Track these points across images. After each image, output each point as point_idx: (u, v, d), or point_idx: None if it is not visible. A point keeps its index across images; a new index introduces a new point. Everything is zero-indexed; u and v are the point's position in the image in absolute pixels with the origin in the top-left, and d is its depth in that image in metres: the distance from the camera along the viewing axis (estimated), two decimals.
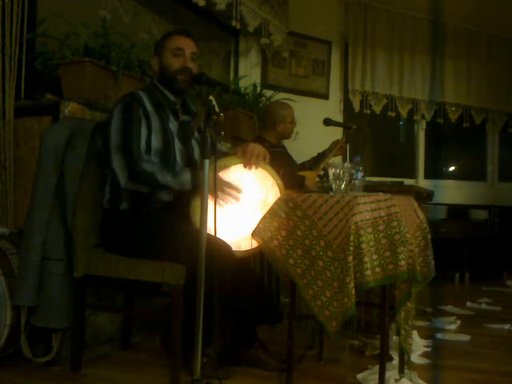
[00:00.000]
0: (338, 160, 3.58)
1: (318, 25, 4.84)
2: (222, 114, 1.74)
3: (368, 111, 5.00)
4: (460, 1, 4.70)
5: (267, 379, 2.09)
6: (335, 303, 1.87)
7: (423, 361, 2.37)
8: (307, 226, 1.97)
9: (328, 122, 3.26)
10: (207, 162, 1.70)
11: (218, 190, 1.92)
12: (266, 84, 4.43)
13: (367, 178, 3.41)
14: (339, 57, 5.06)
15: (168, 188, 2.01)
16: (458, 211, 5.28)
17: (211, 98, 1.75)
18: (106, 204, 2.12)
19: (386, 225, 1.89)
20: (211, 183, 1.76)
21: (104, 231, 2.15)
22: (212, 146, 1.70)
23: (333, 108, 4.94)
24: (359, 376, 2.13)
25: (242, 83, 4.20)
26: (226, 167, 2.08)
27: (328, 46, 4.93)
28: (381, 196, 1.96)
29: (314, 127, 4.23)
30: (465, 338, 2.82)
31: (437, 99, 5.29)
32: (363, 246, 1.83)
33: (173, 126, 2.15)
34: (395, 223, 1.88)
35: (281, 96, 3.98)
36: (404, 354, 2.13)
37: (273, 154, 2.88)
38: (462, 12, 5.00)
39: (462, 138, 5.83)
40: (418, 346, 2.53)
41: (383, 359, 1.96)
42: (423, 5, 4.88)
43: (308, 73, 4.82)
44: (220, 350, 2.09)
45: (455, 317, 3.29)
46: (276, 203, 2.06)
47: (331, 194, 2.00)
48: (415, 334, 2.57)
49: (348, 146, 3.25)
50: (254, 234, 2.08)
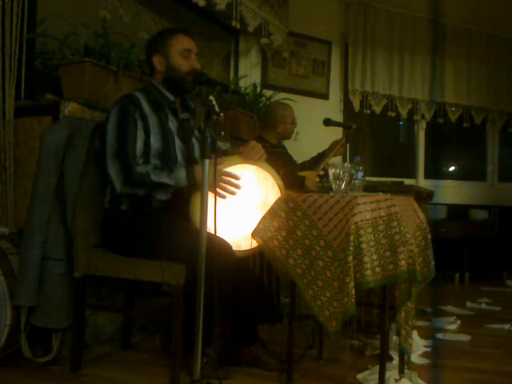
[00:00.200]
0: (338, 160, 3.58)
1: (318, 25, 4.84)
2: (222, 114, 1.74)
3: (368, 111, 5.00)
4: (460, 1, 4.71)
5: (267, 379, 2.09)
6: (335, 303, 1.87)
7: (423, 361, 2.37)
8: (307, 226, 1.97)
9: (328, 122, 3.26)
10: (207, 162, 1.71)
11: (217, 181, 1.90)
12: (266, 84, 4.43)
13: (367, 178, 3.41)
14: (339, 57, 5.06)
15: (164, 187, 2.01)
16: (457, 211, 5.28)
17: (211, 98, 1.75)
18: (107, 204, 2.12)
19: (386, 225, 1.89)
20: (211, 179, 1.75)
21: (104, 231, 2.15)
22: (212, 144, 1.70)
23: (333, 108, 4.94)
24: (359, 376, 2.13)
25: (242, 83, 4.20)
26: (224, 168, 2.08)
27: (328, 46, 4.93)
28: (381, 196, 1.96)
29: (314, 127, 4.23)
30: (465, 338, 2.82)
31: (437, 99, 5.29)
32: (363, 246, 1.83)
33: (172, 124, 2.15)
34: (395, 223, 1.88)
35: (281, 96, 3.98)
36: (404, 354, 2.13)
37: (273, 154, 2.88)
38: (462, 12, 5.00)
39: (462, 138, 5.82)
40: (418, 346, 2.53)
41: (383, 359, 1.96)
42: (423, 5, 4.89)
43: (308, 73, 4.82)
44: (220, 350, 2.09)
45: (455, 317, 3.29)
46: (276, 203, 2.06)
47: (331, 194, 2.00)
48: (415, 334, 2.57)
49: (348, 145, 3.25)
50: (254, 234, 2.08)
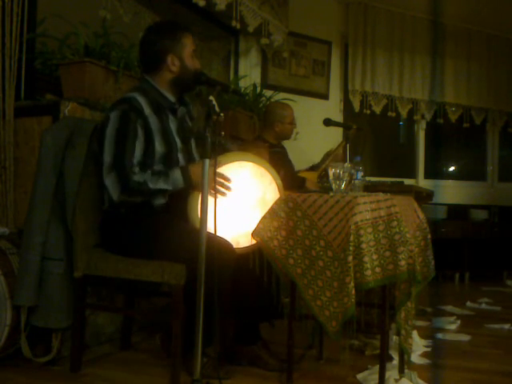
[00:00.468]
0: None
1: (318, 25, 4.84)
2: (222, 114, 1.74)
3: (368, 111, 5.00)
4: (460, 1, 4.71)
5: (267, 379, 2.09)
6: (335, 303, 1.87)
7: (423, 361, 2.37)
8: (307, 226, 1.97)
9: (328, 123, 3.26)
10: (207, 162, 1.71)
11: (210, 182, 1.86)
12: (266, 84, 4.43)
13: (367, 178, 3.41)
14: (339, 57, 5.06)
15: (162, 192, 2.01)
16: (457, 211, 5.28)
17: (211, 98, 1.75)
18: (106, 207, 2.11)
19: (386, 225, 1.89)
20: (208, 179, 1.74)
21: (103, 232, 2.14)
22: (212, 144, 1.69)
23: (333, 108, 4.94)
24: (359, 376, 2.13)
25: (242, 83, 4.21)
26: (221, 165, 2.07)
27: (328, 46, 4.93)
28: (381, 196, 1.96)
29: (314, 127, 4.23)
30: (465, 337, 2.82)
31: (437, 99, 5.29)
32: (363, 245, 1.83)
33: (173, 124, 2.14)
34: (395, 223, 1.88)
35: (281, 96, 3.98)
36: (404, 354, 2.13)
37: (272, 154, 2.88)
38: (462, 12, 5.00)
39: (462, 138, 5.83)
40: (418, 346, 2.53)
41: (383, 359, 1.96)
42: (423, 5, 4.88)
43: (308, 73, 4.82)
44: (221, 349, 2.09)
45: (455, 317, 3.29)
46: (276, 203, 2.06)
47: (331, 194, 2.00)
48: (415, 334, 2.57)
49: (348, 145, 3.25)
50: (254, 234, 2.08)
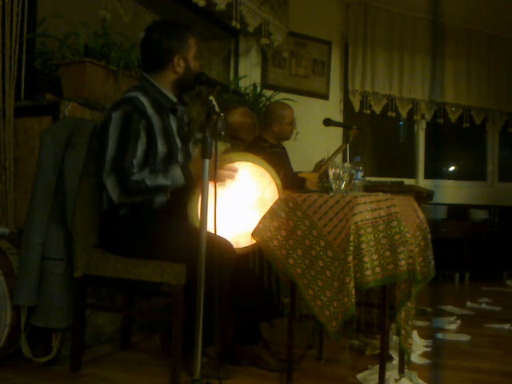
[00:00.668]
0: (338, 160, 3.58)
1: (318, 25, 4.84)
2: (222, 114, 1.74)
3: (368, 111, 5.01)
4: (460, 1, 4.71)
5: (267, 379, 2.09)
6: (335, 303, 1.87)
7: (423, 361, 2.37)
8: (307, 226, 1.97)
9: (328, 123, 3.26)
10: (207, 162, 1.71)
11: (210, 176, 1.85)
12: (265, 84, 4.43)
13: (367, 178, 3.41)
14: (339, 57, 5.06)
15: (162, 188, 2.01)
16: (457, 211, 5.28)
17: (211, 98, 1.75)
18: (106, 208, 2.11)
19: (386, 225, 1.89)
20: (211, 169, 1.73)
21: (103, 233, 2.14)
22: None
23: (333, 108, 4.94)
24: (359, 376, 2.13)
25: (242, 83, 4.21)
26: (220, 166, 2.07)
27: (328, 46, 4.93)
28: (381, 196, 1.96)
29: (314, 127, 4.24)
30: (465, 337, 2.82)
31: (437, 99, 5.29)
32: (363, 245, 1.83)
33: (173, 124, 2.14)
34: (395, 223, 1.88)
35: (281, 96, 3.98)
36: (404, 354, 2.13)
37: (273, 155, 2.88)
38: (462, 12, 5.00)
39: (462, 138, 5.83)
40: (418, 346, 2.53)
41: (383, 359, 1.96)
42: (423, 5, 4.89)
43: (308, 73, 4.82)
44: (221, 349, 2.09)
45: (455, 317, 3.29)
46: (276, 203, 2.06)
47: (331, 194, 2.00)
48: (415, 334, 2.57)
49: (348, 145, 3.25)
50: (254, 234, 2.08)
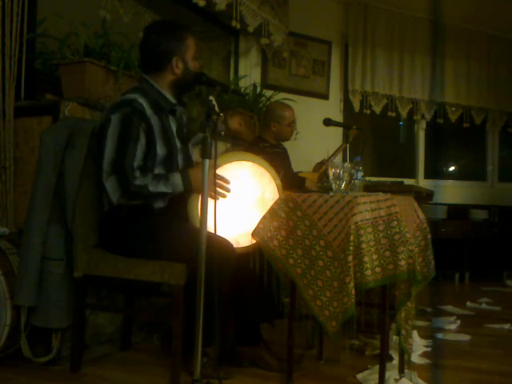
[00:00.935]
0: (338, 160, 3.58)
1: (318, 25, 4.84)
2: (222, 114, 1.74)
3: (368, 111, 5.00)
4: (460, 1, 4.70)
5: (267, 379, 2.09)
6: (335, 303, 1.87)
7: (423, 361, 2.37)
8: (307, 226, 1.97)
9: (328, 122, 3.26)
10: (207, 162, 1.71)
11: (210, 184, 1.83)
12: (265, 84, 4.43)
13: (367, 178, 3.41)
14: (339, 57, 5.06)
15: (162, 195, 2.01)
16: (458, 211, 5.28)
17: (211, 98, 1.75)
18: (105, 209, 2.11)
19: (386, 225, 1.89)
20: (209, 180, 1.74)
21: (102, 233, 2.14)
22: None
23: (333, 108, 4.94)
24: (359, 376, 2.13)
25: (242, 83, 4.20)
26: (221, 165, 2.07)
27: (328, 46, 4.93)
28: (381, 196, 1.96)
29: (314, 127, 4.23)
30: (465, 337, 2.82)
31: (437, 99, 5.29)
32: (363, 245, 1.83)
33: (173, 125, 2.14)
34: (395, 223, 1.88)
35: (281, 96, 3.98)
36: (404, 354, 2.13)
37: (273, 155, 2.88)
38: (462, 12, 5.00)
39: (462, 138, 5.83)
40: (418, 346, 2.53)
41: (383, 359, 1.96)
42: (423, 5, 4.88)
43: (308, 73, 4.82)
44: (221, 349, 2.09)
45: (455, 317, 3.29)
46: (276, 203, 2.06)
47: (331, 194, 2.00)
48: (415, 333, 2.57)
49: (348, 145, 3.25)
50: (254, 234, 2.08)
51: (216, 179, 1.95)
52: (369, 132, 5.45)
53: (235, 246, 2.07)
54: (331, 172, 2.06)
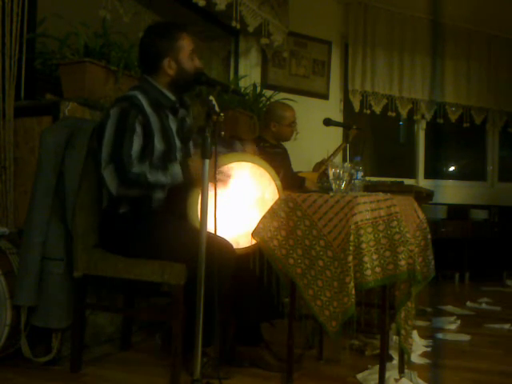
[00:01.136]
0: (338, 160, 3.58)
1: (318, 25, 4.84)
2: (222, 114, 1.74)
3: (368, 111, 5.00)
4: (460, 1, 4.71)
5: (267, 379, 2.09)
6: (335, 303, 1.87)
7: (423, 361, 2.37)
8: (307, 226, 1.97)
9: (328, 122, 3.26)
10: (207, 162, 1.71)
11: (210, 177, 1.82)
12: (266, 84, 4.43)
13: (367, 178, 3.41)
14: (339, 57, 5.06)
15: (161, 186, 2.01)
16: (457, 211, 5.28)
17: (211, 98, 1.75)
18: (105, 207, 2.11)
19: (386, 225, 1.89)
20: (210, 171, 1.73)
21: (102, 233, 2.14)
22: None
23: (333, 108, 4.94)
24: (359, 376, 2.13)
25: (242, 83, 4.20)
26: (221, 166, 2.07)
27: (328, 46, 4.93)
28: (381, 196, 1.96)
29: (314, 127, 4.23)
30: (465, 337, 2.82)
31: (437, 99, 5.29)
32: (363, 245, 1.83)
33: (173, 124, 2.14)
34: (395, 223, 1.88)
35: (281, 96, 3.98)
36: (404, 354, 2.13)
37: (273, 155, 2.88)
38: (462, 12, 5.00)
39: (462, 138, 5.83)
40: (418, 346, 2.53)
41: (383, 359, 1.96)
42: (423, 5, 4.88)
43: (308, 73, 4.82)
44: (221, 349, 2.09)
45: (455, 317, 3.29)
46: (276, 203, 2.06)
47: (331, 194, 2.00)
48: (415, 333, 2.57)
49: (348, 145, 3.25)
50: (254, 234, 2.08)
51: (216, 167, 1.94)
52: (369, 132, 5.45)
53: (235, 246, 2.07)
54: (331, 172, 2.06)
